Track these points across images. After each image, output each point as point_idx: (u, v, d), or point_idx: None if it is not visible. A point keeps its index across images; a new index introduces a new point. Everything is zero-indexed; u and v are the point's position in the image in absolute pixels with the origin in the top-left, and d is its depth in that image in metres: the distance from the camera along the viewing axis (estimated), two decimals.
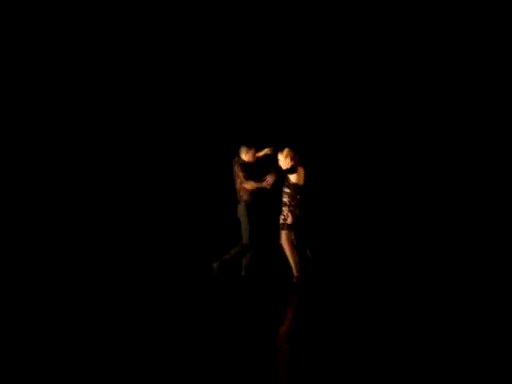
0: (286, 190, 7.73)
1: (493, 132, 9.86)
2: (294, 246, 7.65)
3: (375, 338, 4.87)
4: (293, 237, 7.67)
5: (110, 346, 4.65)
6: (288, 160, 7.72)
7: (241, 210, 7.89)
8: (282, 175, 7.71)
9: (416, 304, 6.47)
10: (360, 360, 4.26)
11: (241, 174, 7.84)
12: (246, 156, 7.94)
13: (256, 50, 9.92)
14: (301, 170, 7.73)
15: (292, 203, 7.68)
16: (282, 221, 7.70)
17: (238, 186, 7.92)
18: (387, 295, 7.02)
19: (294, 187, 7.70)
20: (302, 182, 7.74)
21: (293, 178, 7.70)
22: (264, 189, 7.77)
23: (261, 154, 8.03)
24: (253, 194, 7.85)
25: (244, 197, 7.87)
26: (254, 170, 7.92)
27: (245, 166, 7.88)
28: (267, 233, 7.92)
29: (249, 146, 7.97)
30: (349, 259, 9.51)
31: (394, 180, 10.01)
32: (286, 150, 7.76)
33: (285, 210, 7.70)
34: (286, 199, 7.72)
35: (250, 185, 7.81)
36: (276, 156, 7.83)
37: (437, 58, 9.93)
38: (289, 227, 7.66)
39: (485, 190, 9.82)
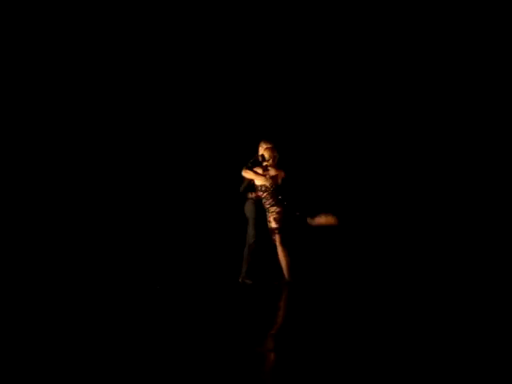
0: (265, 194, 7.76)
1: (491, 132, 9.86)
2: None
3: (367, 339, 4.85)
4: None
5: (105, 346, 4.66)
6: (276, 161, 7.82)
7: (248, 206, 7.93)
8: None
9: (408, 303, 6.46)
10: (351, 361, 4.25)
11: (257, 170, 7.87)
12: (262, 149, 7.96)
13: (254, 50, 9.95)
14: None
15: (280, 205, 7.72)
16: (276, 225, 7.68)
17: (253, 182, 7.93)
18: (379, 296, 6.98)
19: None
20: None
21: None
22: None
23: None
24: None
25: (251, 194, 7.90)
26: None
27: (256, 161, 7.90)
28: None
29: (267, 142, 7.98)
30: (340, 261, 9.45)
31: (384, 179, 9.98)
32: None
33: (278, 215, 7.68)
34: (274, 202, 7.72)
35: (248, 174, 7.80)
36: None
37: (429, 54, 9.94)
38: (282, 230, 7.69)
39: (476, 191, 9.79)
